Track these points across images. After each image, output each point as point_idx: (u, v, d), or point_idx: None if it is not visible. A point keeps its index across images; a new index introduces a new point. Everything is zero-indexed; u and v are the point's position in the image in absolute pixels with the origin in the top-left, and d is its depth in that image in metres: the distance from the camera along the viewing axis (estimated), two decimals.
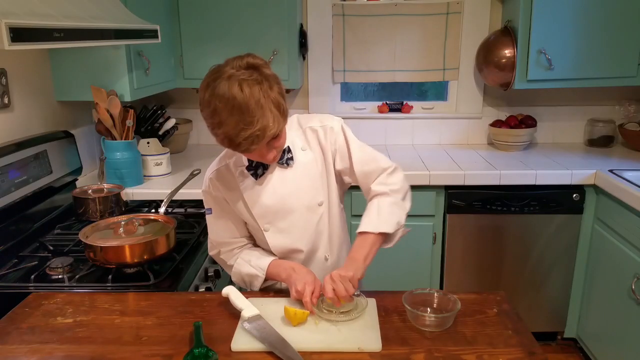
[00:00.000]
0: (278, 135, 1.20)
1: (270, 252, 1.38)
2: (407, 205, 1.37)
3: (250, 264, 1.35)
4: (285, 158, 1.32)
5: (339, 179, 1.40)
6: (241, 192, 1.33)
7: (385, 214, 1.31)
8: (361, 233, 1.30)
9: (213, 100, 1.11)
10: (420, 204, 2.34)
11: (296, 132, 1.36)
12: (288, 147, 1.33)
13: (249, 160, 1.32)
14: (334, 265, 1.39)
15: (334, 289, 1.18)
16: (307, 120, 1.38)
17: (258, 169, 1.32)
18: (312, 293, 1.19)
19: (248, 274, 1.35)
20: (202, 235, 1.72)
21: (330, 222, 1.40)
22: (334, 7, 2.78)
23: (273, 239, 1.36)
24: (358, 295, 1.23)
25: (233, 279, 1.41)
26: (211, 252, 1.44)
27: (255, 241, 1.44)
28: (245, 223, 1.40)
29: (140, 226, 1.57)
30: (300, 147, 1.35)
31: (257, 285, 1.35)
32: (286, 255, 1.38)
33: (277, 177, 1.33)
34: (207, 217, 1.40)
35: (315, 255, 1.40)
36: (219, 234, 1.39)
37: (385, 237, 1.31)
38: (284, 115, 1.18)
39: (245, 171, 1.33)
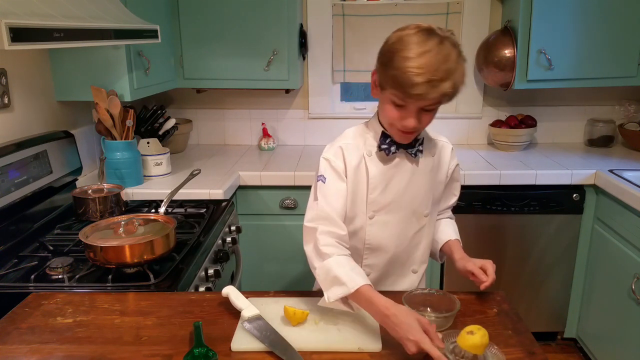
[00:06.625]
0: (434, 110, 1.20)
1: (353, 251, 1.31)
2: None
3: (345, 269, 1.15)
4: (416, 149, 1.30)
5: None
6: (366, 173, 1.29)
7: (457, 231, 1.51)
8: (454, 240, 1.45)
9: (415, 36, 1.16)
10: None
11: (432, 137, 1.38)
12: (423, 139, 1.31)
13: (381, 138, 1.28)
14: (419, 279, 1.44)
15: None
16: (438, 135, 1.42)
17: (392, 147, 1.28)
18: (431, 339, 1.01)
19: (336, 277, 1.13)
20: (202, 235, 1.72)
21: (428, 238, 1.41)
22: (334, 7, 2.78)
23: (371, 229, 1.33)
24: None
25: (318, 271, 1.20)
26: (308, 224, 1.25)
27: None
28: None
29: (140, 226, 1.57)
30: (430, 152, 1.35)
31: (336, 294, 1.13)
32: (373, 250, 1.36)
33: (404, 169, 1.31)
34: (319, 184, 1.28)
35: (400, 262, 1.38)
36: (330, 202, 1.25)
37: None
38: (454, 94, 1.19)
39: (375, 153, 1.30)
